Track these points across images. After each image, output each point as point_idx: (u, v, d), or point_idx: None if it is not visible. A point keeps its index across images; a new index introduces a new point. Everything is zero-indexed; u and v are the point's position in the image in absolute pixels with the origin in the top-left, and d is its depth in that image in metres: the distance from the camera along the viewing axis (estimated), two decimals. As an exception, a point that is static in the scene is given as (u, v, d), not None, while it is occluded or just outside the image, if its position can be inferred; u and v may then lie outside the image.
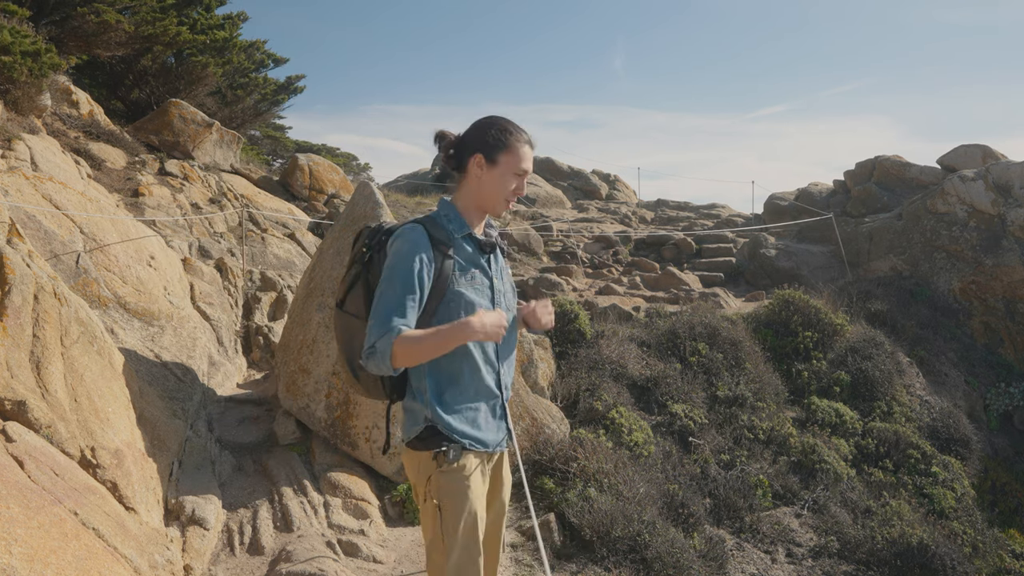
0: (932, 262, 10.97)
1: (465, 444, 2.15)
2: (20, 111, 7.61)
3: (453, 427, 2.14)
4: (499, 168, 2.21)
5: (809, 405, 7.45)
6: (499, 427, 2.27)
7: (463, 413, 2.17)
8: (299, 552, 3.63)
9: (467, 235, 2.23)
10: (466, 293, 2.17)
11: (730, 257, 12.86)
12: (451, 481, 2.13)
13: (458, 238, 2.20)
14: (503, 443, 2.30)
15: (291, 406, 4.90)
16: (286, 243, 9.06)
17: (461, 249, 2.20)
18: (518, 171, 2.21)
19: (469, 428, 2.17)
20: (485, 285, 2.23)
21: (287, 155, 15.77)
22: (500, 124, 2.23)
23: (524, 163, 2.21)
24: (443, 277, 2.14)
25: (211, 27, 11.82)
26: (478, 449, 2.18)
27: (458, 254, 2.19)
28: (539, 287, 10.06)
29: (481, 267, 2.23)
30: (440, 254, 2.14)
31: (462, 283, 2.17)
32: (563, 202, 18.54)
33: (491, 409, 2.25)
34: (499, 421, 2.27)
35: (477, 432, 2.19)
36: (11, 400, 3.04)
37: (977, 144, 12.33)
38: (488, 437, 2.22)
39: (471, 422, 2.18)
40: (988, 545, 6.26)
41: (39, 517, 2.47)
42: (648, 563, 4.29)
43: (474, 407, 2.20)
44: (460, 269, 2.18)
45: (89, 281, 5.11)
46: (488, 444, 2.22)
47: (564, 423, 5.57)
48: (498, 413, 2.26)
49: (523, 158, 2.22)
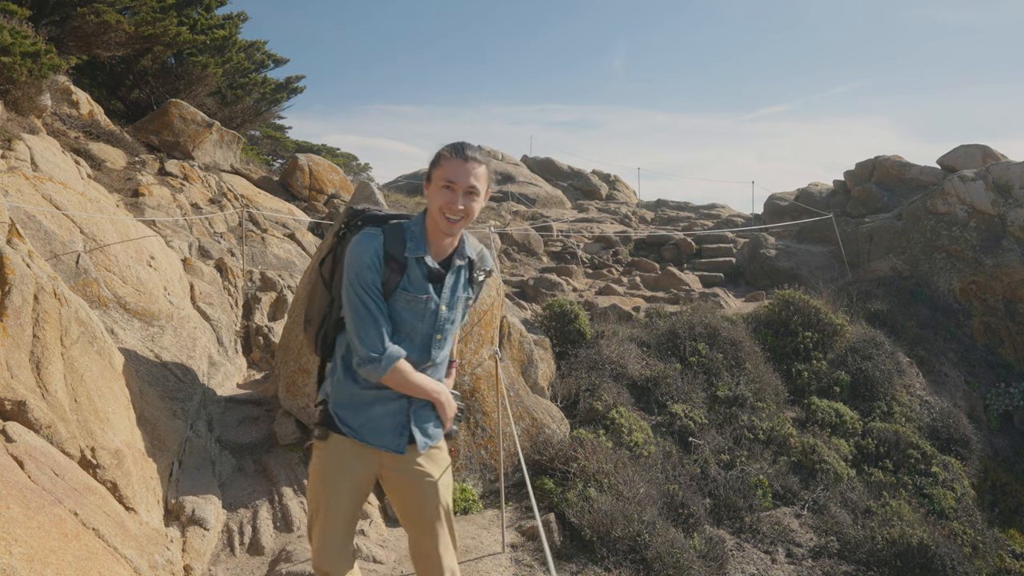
0: (932, 262, 10.97)
1: (343, 430, 2.29)
2: (20, 111, 7.61)
3: (338, 412, 2.31)
4: (432, 184, 2.26)
5: (809, 405, 7.45)
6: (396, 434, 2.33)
7: (353, 404, 2.30)
8: (299, 552, 3.64)
9: (419, 258, 2.27)
10: (400, 310, 2.26)
11: (730, 257, 12.86)
12: (316, 456, 2.37)
13: (411, 259, 2.26)
14: (397, 448, 2.32)
15: (291, 406, 4.90)
16: (286, 243, 9.06)
17: (412, 270, 2.26)
18: (444, 183, 2.21)
19: (350, 417, 2.30)
20: (428, 310, 2.28)
21: (287, 155, 15.78)
22: (443, 148, 2.29)
23: (448, 174, 2.21)
24: (386, 289, 2.24)
25: (211, 27, 11.82)
26: (354, 439, 2.30)
27: (408, 273, 2.25)
28: (539, 287, 10.06)
29: (428, 292, 2.28)
30: (390, 269, 2.23)
31: (400, 300, 2.25)
32: (563, 202, 18.54)
33: (390, 412, 2.31)
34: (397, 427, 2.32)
35: (357, 424, 2.30)
36: (11, 400, 3.04)
37: (977, 144, 12.34)
38: (369, 434, 2.30)
39: (356, 413, 2.30)
40: (988, 545, 6.26)
41: (39, 517, 2.47)
42: (648, 563, 4.29)
43: (368, 401, 2.30)
44: (405, 287, 2.25)
45: (89, 281, 5.11)
46: (369, 441, 2.30)
47: (564, 423, 5.57)
48: (398, 420, 2.32)
49: (448, 169, 2.21)
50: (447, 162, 2.23)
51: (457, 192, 2.20)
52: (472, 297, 2.42)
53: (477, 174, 2.23)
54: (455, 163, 2.21)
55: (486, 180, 2.28)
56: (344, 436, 2.30)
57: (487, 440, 4.87)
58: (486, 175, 2.28)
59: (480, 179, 2.24)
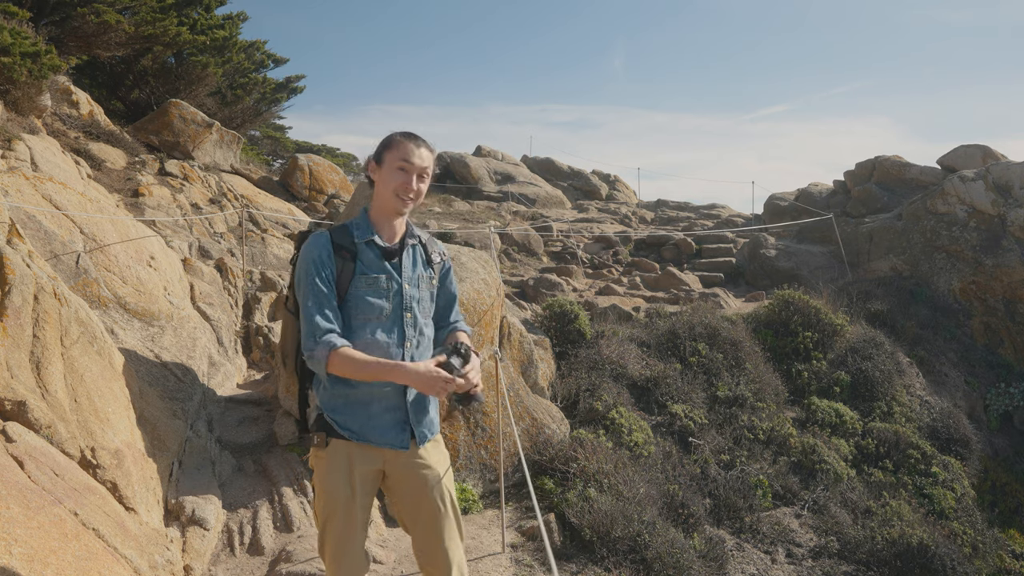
0: (932, 262, 10.97)
1: (342, 434, 2.29)
2: (20, 111, 7.61)
3: (334, 418, 2.30)
4: (384, 166, 2.32)
5: (809, 405, 7.44)
6: (399, 430, 2.33)
7: (349, 406, 2.29)
8: (299, 552, 3.64)
9: (369, 241, 2.32)
10: (364, 295, 2.29)
11: (730, 257, 12.86)
12: (318, 464, 2.33)
13: (360, 243, 2.32)
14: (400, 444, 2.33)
15: (291, 406, 4.90)
16: (286, 243, 9.06)
17: (364, 253, 2.32)
18: (400, 164, 2.28)
19: (349, 420, 2.29)
20: (391, 290, 2.32)
21: (287, 155, 15.78)
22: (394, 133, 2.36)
23: (404, 155, 2.28)
24: (343, 278, 2.28)
25: (211, 27, 11.82)
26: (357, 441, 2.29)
27: (361, 258, 2.31)
28: (539, 287, 10.06)
29: (387, 271, 2.32)
30: (341, 258, 2.28)
31: (361, 285, 2.29)
32: (563, 202, 18.54)
33: (389, 408, 2.32)
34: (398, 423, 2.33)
35: (358, 426, 2.30)
36: (11, 400, 3.04)
37: (977, 144, 12.33)
38: (372, 433, 2.30)
39: (354, 414, 2.30)
40: (988, 545, 6.26)
41: (39, 517, 2.47)
42: (648, 563, 4.29)
43: (364, 400, 2.29)
44: (361, 272, 2.30)
45: (89, 281, 5.11)
46: (369, 439, 2.30)
47: (564, 423, 5.57)
48: (397, 416, 2.33)
49: (402, 151, 2.29)
50: (401, 144, 2.31)
51: (411, 173, 2.29)
52: (434, 276, 2.44)
53: (427, 158, 2.33)
54: (409, 145, 2.30)
55: (433, 165, 2.38)
56: (345, 440, 2.30)
57: (487, 440, 4.87)
58: (433, 161, 2.37)
59: (430, 163, 2.34)
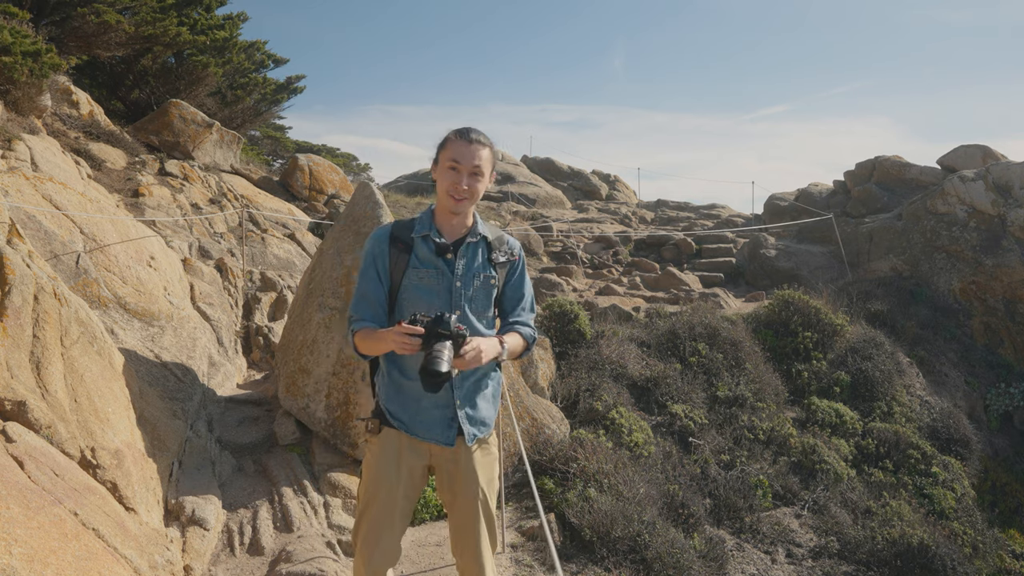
0: (932, 262, 10.97)
1: (393, 424, 2.36)
2: (20, 111, 7.61)
3: (388, 407, 2.37)
4: (439, 166, 2.36)
5: (809, 405, 7.44)
6: (445, 426, 2.37)
7: (401, 397, 2.36)
8: (299, 552, 3.63)
9: (425, 235, 2.37)
10: (414, 288, 2.35)
11: (730, 257, 12.86)
12: (368, 451, 2.41)
13: (416, 238, 2.38)
14: (446, 441, 2.37)
15: (291, 406, 4.90)
16: (286, 243, 9.06)
17: (419, 248, 2.37)
18: (450, 163, 2.31)
19: (400, 410, 2.36)
20: (441, 285, 2.35)
21: (287, 155, 15.78)
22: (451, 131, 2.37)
23: (454, 155, 2.30)
24: (397, 270, 2.36)
25: (211, 27, 11.82)
26: (406, 433, 2.36)
27: (416, 252, 2.37)
28: (539, 287, 10.06)
29: (438, 267, 2.36)
30: (397, 250, 2.36)
31: (412, 278, 2.35)
32: (563, 202, 18.54)
33: (438, 404, 2.35)
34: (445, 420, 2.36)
35: (407, 417, 2.36)
36: (11, 400, 3.04)
37: (977, 144, 12.34)
38: (419, 427, 2.36)
39: (405, 406, 2.36)
40: (988, 545, 6.26)
41: (39, 517, 2.47)
42: (648, 563, 4.29)
43: (416, 395, 2.34)
44: (414, 266, 2.36)
45: (89, 281, 5.11)
46: (416, 433, 2.36)
47: (564, 423, 5.57)
48: (445, 412, 2.36)
49: (453, 151, 2.31)
50: (453, 144, 2.32)
51: (462, 173, 2.30)
52: (495, 276, 2.43)
53: (481, 155, 2.32)
54: (460, 144, 2.31)
55: (490, 162, 2.37)
56: (395, 430, 2.36)
57: (487, 440, 4.87)
58: (490, 157, 2.36)
59: (484, 160, 2.33)
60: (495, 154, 2.40)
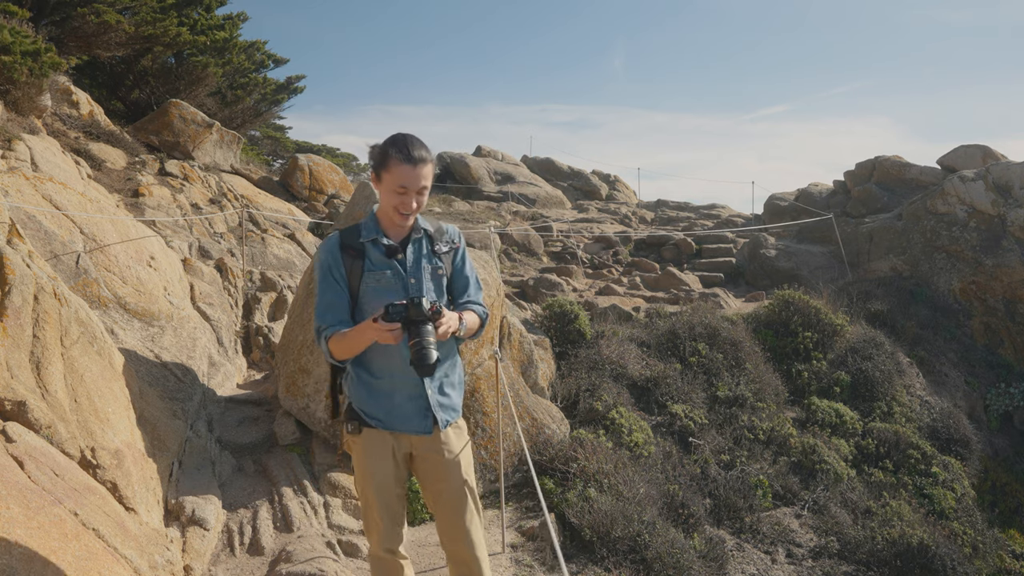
0: (932, 262, 10.97)
1: (370, 423, 2.45)
2: (20, 111, 7.61)
3: (361, 406, 2.46)
4: (383, 184, 2.39)
5: (809, 405, 7.44)
6: (421, 416, 2.47)
7: (374, 397, 2.45)
8: (299, 552, 3.63)
9: (374, 239, 2.45)
10: (372, 291, 2.42)
11: (730, 257, 12.85)
12: (355, 450, 2.52)
13: (366, 243, 2.45)
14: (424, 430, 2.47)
15: (291, 406, 4.90)
16: (286, 243, 9.06)
17: (370, 252, 2.45)
18: (398, 188, 2.34)
19: (375, 409, 2.45)
20: (398, 283, 2.44)
21: (287, 155, 15.78)
22: (387, 142, 2.37)
23: (401, 180, 2.33)
24: (354, 276, 2.43)
25: (211, 27, 11.82)
26: (383, 429, 2.46)
27: (368, 255, 2.44)
28: (539, 287, 10.06)
29: (392, 267, 2.44)
30: (349, 257, 2.42)
31: (370, 281, 2.43)
32: (563, 202, 18.54)
33: (411, 397, 2.46)
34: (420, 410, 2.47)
35: (383, 414, 2.45)
36: (11, 400, 3.04)
37: (977, 144, 12.33)
38: (396, 421, 2.46)
39: (379, 405, 2.45)
40: (988, 545, 6.26)
41: (39, 517, 2.47)
42: (648, 563, 4.29)
43: (387, 392, 2.45)
44: (369, 269, 2.44)
45: (89, 281, 5.11)
46: (394, 427, 2.46)
47: (564, 423, 5.57)
48: (419, 403, 2.47)
49: (399, 176, 2.32)
50: (397, 169, 2.33)
51: (410, 194, 2.35)
52: (442, 266, 2.52)
53: (425, 174, 2.35)
54: (405, 170, 2.32)
55: (432, 173, 2.41)
56: (374, 428, 2.46)
57: (487, 440, 4.86)
58: (431, 169, 2.40)
59: (428, 177, 2.37)
60: (434, 161, 2.42)
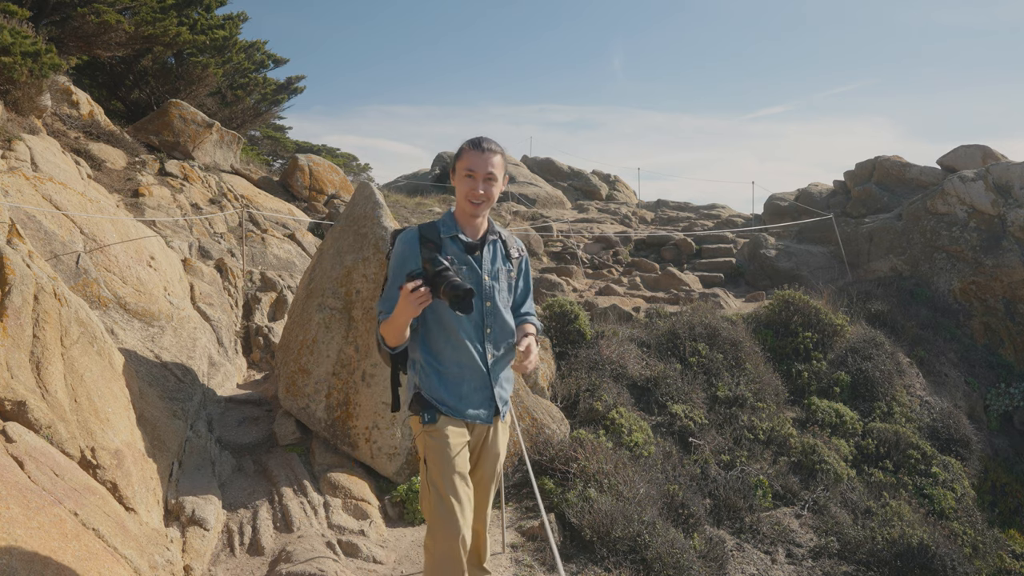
0: (932, 262, 10.97)
1: (442, 410, 2.54)
2: (20, 111, 7.61)
3: (432, 395, 2.55)
4: (457, 175, 2.60)
5: (809, 405, 7.44)
6: (487, 406, 2.62)
7: (444, 385, 2.56)
8: (299, 552, 3.63)
9: (453, 236, 2.59)
10: None
11: (730, 258, 12.86)
12: (430, 440, 2.53)
13: (445, 238, 2.58)
14: (487, 419, 2.64)
15: (291, 406, 4.90)
16: (286, 243, 9.06)
17: (448, 247, 2.58)
18: (466, 172, 2.55)
19: (447, 397, 2.55)
20: (472, 280, 2.57)
21: (287, 156, 15.78)
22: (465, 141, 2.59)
23: (469, 164, 2.54)
24: None
25: (211, 27, 11.82)
26: (454, 416, 2.56)
27: (445, 249, 2.57)
28: (539, 287, 10.06)
29: (468, 263, 2.59)
30: (428, 250, 2.53)
31: None
32: (563, 202, 18.54)
33: (477, 388, 2.60)
34: (485, 400, 2.62)
35: (454, 402, 2.56)
36: (11, 400, 3.04)
37: (977, 145, 12.34)
38: (466, 409, 2.58)
39: (450, 392, 2.56)
40: (988, 545, 6.26)
41: (39, 518, 2.47)
42: (648, 563, 4.29)
43: (456, 381, 2.57)
44: None
45: (89, 282, 5.11)
46: (464, 415, 2.58)
47: (564, 423, 5.57)
48: (485, 394, 2.61)
49: (468, 160, 2.54)
50: (467, 154, 2.55)
51: (478, 179, 2.53)
52: (513, 270, 2.70)
53: (493, 162, 2.55)
54: (473, 154, 2.54)
55: (502, 167, 2.60)
56: (447, 416, 2.55)
57: (487, 440, 4.87)
58: (501, 162, 2.59)
59: (496, 166, 2.56)
60: (506, 159, 2.63)
